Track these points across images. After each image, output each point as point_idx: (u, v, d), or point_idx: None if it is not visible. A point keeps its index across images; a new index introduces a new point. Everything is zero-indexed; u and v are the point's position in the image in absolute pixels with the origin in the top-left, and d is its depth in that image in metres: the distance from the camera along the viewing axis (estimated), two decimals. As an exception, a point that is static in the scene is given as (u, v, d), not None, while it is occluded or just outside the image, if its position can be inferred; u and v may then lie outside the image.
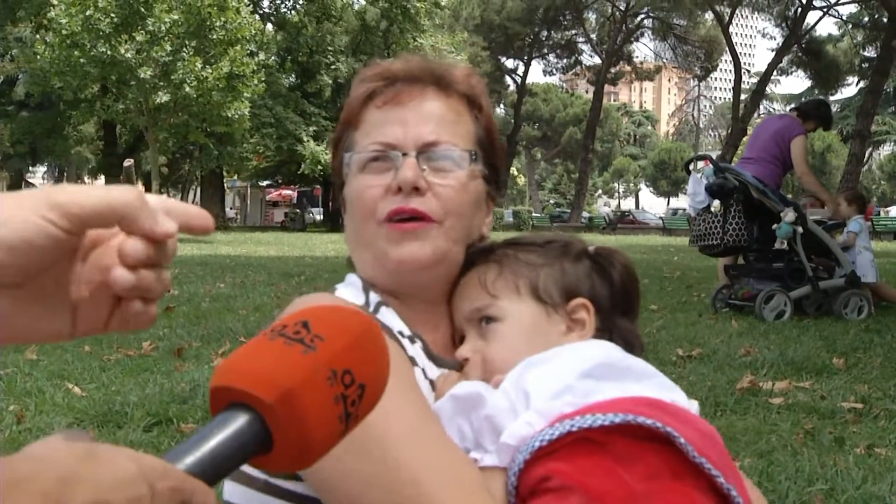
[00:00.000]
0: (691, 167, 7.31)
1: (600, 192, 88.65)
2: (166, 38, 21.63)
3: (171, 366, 4.17)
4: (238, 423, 0.44)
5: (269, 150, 33.30)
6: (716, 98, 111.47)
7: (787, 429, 3.14)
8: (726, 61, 51.62)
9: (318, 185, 39.68)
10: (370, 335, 0.52)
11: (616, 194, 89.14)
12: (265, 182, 44.64)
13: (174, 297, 7.01)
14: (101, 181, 36.83)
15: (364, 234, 1.00)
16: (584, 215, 48.45)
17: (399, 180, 0.96)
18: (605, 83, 46.75)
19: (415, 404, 0.84)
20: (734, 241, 6.38)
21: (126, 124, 27.26)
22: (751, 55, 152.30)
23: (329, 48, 33.06)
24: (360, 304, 0.97)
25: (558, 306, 0.99)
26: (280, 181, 42.98)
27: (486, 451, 0.83)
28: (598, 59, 50.85)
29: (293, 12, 34.44)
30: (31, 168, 45.60)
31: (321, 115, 32.18)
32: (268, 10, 35.21)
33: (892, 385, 3.90)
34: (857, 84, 45.05)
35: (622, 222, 47.06)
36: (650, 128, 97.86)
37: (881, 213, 39.03)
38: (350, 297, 0.99)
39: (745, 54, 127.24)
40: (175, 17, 21.64)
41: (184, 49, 21.93)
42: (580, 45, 52.40)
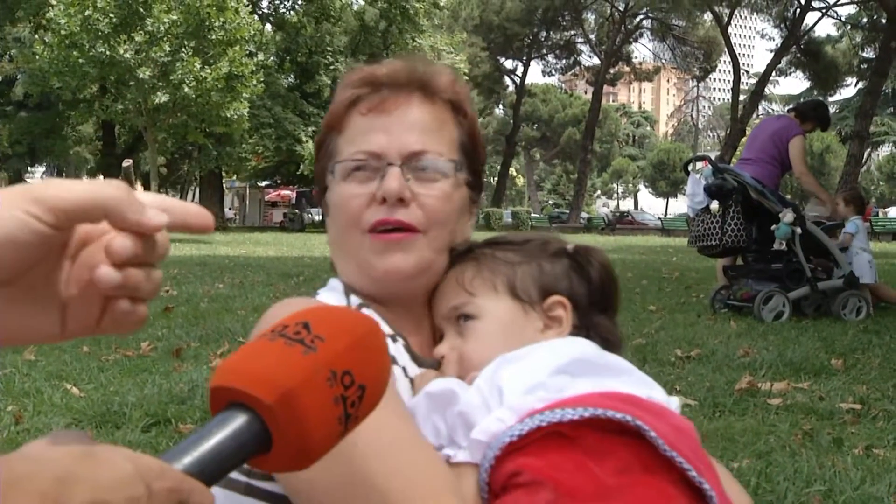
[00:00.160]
0: (690, 168, 7.31)
1: (599, 192, 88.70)
2: (165, 39, 21.62)
3: (169, 366, 4.16)
4: (237, 423, 0.44)
5: (268, 150, 33.34)
6: (715, 99, 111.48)
7: (786, 429, 3.13)
8: (725, 62, 51.62)
9: (317, 186, 39.56)
10: (371, 336, 0.51)
11: (615, 195, 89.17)
12: (264, 182, 44.65)
13: (173, 298, 7.00)
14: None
15: (348, 243, 1.00)
16: (583, 216, 48.48)
17: (384, 191, 0.95)
18: (603, 84, 46.80)
19: (387, 407, 0.84)
20: (733, 241, 6.38)
21: (125, 125, 27.27)
22: (750, 56, 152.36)
23: (328, 48, 33.10)
24: None
25: (535, 304, 0.98)
26: (279, 181, 42.97)
27: (460, 447, 0.83)
28: (596, 60, 50.94)
29: (292, 13, 34.46)
30: (29, 168, 45.54)
31: (320, 116, 32.08)
32: (267, 11, 35.23)
33: (890, 386, 3.90)
34: (856, 85, 45.15)
35: (621, 223, 47.11)
36: (649, 128, 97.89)
37: (879, 214, 39.06)
38: (331, 301, 0.99)
39: (743, 55, 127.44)
40: (174, 17, 21.64)
41: (183, 49, 21.92)
42: (579, 45, 52.51)
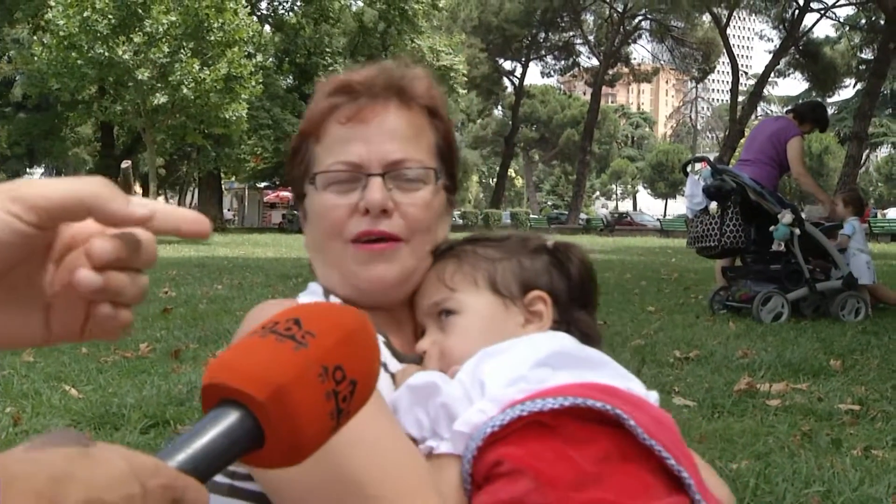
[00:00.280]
0: (689, 169, 7.31)
1: (598, 193, 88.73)
2: (164, 40, 21.64)
3: (168, 367, 4.15)
4: (229, 420, 0.44)
5: (267, 151, 33.34)
6: (713, 100, 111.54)
7: (785, 430, 3.13)
8: (724, 63, 51.62)
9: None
10: (362, 331, 0.51)
11: (614, 196, 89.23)
12: (263, 184, 44.68)
13: (171, 299, 7.00)
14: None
15: (330, 252, 1.00)
16: (582, 217, 48.52)
17: (367, 202, 0.96)
18: (602, 85, 46.85)
19: (369, 404, 0.84)
20: (732, 242, 6.38)
21: (123, 126, 27.30)
22: (748, 57, 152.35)
23: (327, 50, 33.12)
24: None
25: (516, 299, 0.99)
26: (278, 183, 43.01)
27: (443, 438, 0.83)
28: (595, 61, 50.97)
29: (291, 14, 34.51)
30: (28, 170, 45.49)
31: (319, 117, 32.15)
32: (265, 12, 35.27)
33: (889, 387, 3.90)
34: (855, 86, 45.24)
35: (620, 224, 47.14)
36: (648, 129, 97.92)
37: (878, 215, 39.11)
38: None
39: (742, 56, 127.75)
40: (173, 18, 21.66)
41: (181, 50, 21.94)
42: (578, 46, 52.51)
